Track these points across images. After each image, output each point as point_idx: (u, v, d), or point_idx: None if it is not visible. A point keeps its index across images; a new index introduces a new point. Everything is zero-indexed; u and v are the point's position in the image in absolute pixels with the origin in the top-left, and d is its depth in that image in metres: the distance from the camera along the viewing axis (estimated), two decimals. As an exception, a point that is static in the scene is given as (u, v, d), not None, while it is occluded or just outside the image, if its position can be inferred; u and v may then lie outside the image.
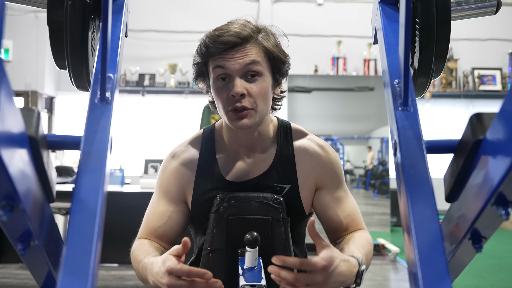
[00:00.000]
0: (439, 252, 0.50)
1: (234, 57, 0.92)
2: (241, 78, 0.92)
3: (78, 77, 0.81)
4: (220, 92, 0.94)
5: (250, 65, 0.92)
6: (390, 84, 0.70)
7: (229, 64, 0.92)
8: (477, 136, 0.54)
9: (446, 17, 0.78)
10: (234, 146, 1.03)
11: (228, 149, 1.04)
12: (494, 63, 5.79)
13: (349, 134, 5.16)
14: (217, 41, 0.92)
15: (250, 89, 0.93)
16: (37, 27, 5.27)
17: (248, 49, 0.93)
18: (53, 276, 0.73)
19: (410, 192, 0.56)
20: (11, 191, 0.47)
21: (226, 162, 1.03)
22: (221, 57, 0.92)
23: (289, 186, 1.01)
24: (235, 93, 0.91)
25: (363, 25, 5.39)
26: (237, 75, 0.92)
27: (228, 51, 0.92)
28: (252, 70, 0.93)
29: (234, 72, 0.92)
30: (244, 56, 0.92)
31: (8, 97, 0.45)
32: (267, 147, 1.03)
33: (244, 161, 1.02)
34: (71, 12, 0.74)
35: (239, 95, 0.91)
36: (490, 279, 3.28)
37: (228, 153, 1.04)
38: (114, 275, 3.31)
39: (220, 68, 0.93)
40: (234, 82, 0.92)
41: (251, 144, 1.02)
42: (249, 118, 0.93)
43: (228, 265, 0.96)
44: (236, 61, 0.92)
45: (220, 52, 0.92)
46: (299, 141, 1.05)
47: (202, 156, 1.04)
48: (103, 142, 0.61)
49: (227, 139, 1.04)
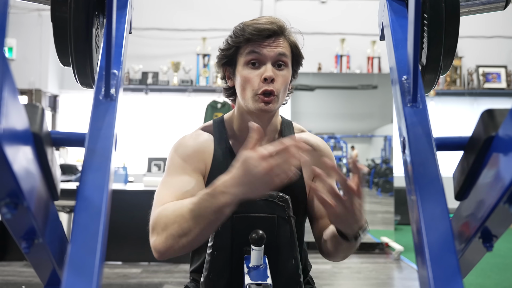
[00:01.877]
0: (450, 252, 0.49)
1: (270, 45, 1.00)
2: (272, 65, 1.01)
3: (82, 74, 0.80)
4: (250, 76, 1.01)
5: (281, 56, 1.01)
6: (399, 80, 0.69)
7: (265, 50, 1.00)
8: (489, 132, 0.52)
9: (455, 13, 0.77)
10: (245, 134, 1.05)
11: (239, 136, 1.08)
12: (499, 60, 5.75)
13: (352, 132, 5.14)
14: (256, 27, 1.00)
15: (277, 77, 1.01)
16: (41, 25, 5.27)
17: (281, 41, 1.02)
18: (57, 274, 0.73)
19: (420, 190, 0.55)
20: (15, 189, 0.47)
21: (238, 147, 1.07)
22: (257, 43, 1.00)
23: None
24: (268, 76, 0.99)
25: (366, 23, 5.37)
26: (269, 61, 1.00)
27: (265, 39, 1.00)
28: (281, 60, 1.01)
29: (268, 58, 1.00)
30: (278, 46, 1.01)
31: (12, 94, 0.44)
32: (272, 138, 1.10)
33: None
34: (75, 9, 0.74)
35: (271, 80, 0.99)
36: (495, 277, 3.27)
37: (240, 141, 1.07)
38: (118, 273, 3.31)
39: (255, 53, 1.00)
40: (267, 67, 1.00)
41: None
42: (273, 103, 1.00)
43: (233, 264, 0.95)
44: (272, 49, 1.00)
45: (257, 38, 1.00)
46: (300, 134, 1.14)
47: (216, 140, 1.08)
48: (108, 139, 0.61)
49: (238, 127, 1.08)
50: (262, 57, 1.00)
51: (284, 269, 0.96)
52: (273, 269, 0.91)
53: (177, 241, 0.84)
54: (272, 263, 0.92)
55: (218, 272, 0.96)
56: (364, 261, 3.82)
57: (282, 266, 0.95)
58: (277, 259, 0.95)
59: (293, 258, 0.97)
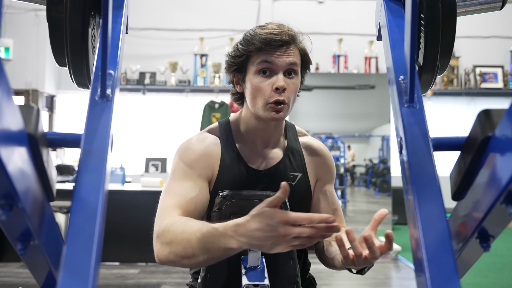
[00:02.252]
0: (447, 252, 0.49)
1: (282, 55, 1.01)
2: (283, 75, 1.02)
3: (78, 74, 0.80)
4: (261, 86, 1.02)
5: (292, 65, 1.02)
6: (396, 80, 0.69)
7: (277, 60, 1.01)
8: (485, 133, 0.52)
9: (451, 13, 0.77)
10: (252, 138, 1.09)
11: (245, 140, 1.10)
12: (496, 60, 5.76)
13: (350, 132, 5.15)
14: (267, 38, 1.00)
15: (288, 86, 1.02)
16: (38, 25, 5.25)
17: (292, 50, 1.02)
18: (53, 276, 0.72)
19: (417, 190, 0.55)
20: (10, 190, 0.46)
21: (245, 150, 1.09)
22: (269, 53, 1.01)
23: (301, 174, 1.10)
24: (280, 86, 1.00)
25: (364, 23, 5.38)
26: (281, 70, 1.01)
27: (277, 48, 1.01)
28: (292, 69, 1.03)
29: (279, 68, 1.01)
30: (289, 55, 1.02)
31: (6, 94, 0.44)
32: (278, 141, 1.12)
33: (261, 152, 1.10)
34: (70, 9, 0.73)
35: (283, 89, 1.00)
36: (492, 277, 3.28)
37: (246, 143, 1.09)
38: (115, 274, 3.31)
39: (267, 63, 1.01)
40: (279, 77, 1.01)
41: (267, 137, 1.09)
42: (283, 112, 1.02)
43: (230, 264, 0.95)
44: (283, 59, 1.01)
45: (269, 48, 1.00)
46: (302, 138, 1.17)
47: (223, 143, 1.08)
48: (104, 140, 0.60)
49: (245, 130, 1.09)
50: (274, 66, 1.01)
51: (282, 270, 0.95)
52: (271, 270, 0.90)
53: (179, 260, 0.83)
54: (269, 264, 0.92)
55: (215, 273, 0.96)
56: (362, 261, 3.82)
57: (280, 267, 0.95)
58: (274, 260, 0.94)
59: (290, 259, 0.97)
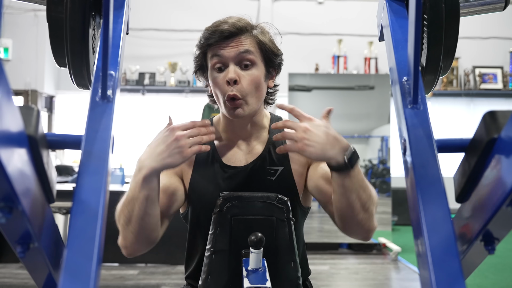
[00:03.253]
0: (452, 254, 0.49)
1: (229, 46, 0.99)
2: (235, 66, 0.99)
3: (78, 75, 0.80)
4: (216, 81, 1.00)
5: (244, 54, 0.98)
6: (399, 81, 0.69)
7: (225, 52, 0.99)
8: (491, 135, 0.52)
9: (454, 13, 0.77)
10: (230, 135, 1.08)
11: (224, 137, 1.09)
12: (495, 61, 5.76)
13: (349, 132, 5.14)
14: (214, 31, 0.99)
15: (242, 77, 0.99)
16: (37, 25, 5.24)
17: (242, 39, 0.99)
18: (53, 278, 0.72)
19: (421, 192, 0.55)
20: (9, 192, 0.46)
21: (222, 148, 1.08)
22: (217, 46, 0.99)
23: (282, 168, 1.05)
24: (229, 78, 0.97)
25: (363, 23, 5.37)
26: (231, 62, 0.99)
27: (224, 40, 0.99)
28: (245, 59, 0.99)
29: (229, 59, 0.99)
30: (239, 45, 0.99)
31: (6, 95, 0.43)
32: (260, 136, 1.08)
33: (239, 149, 1.08)
34: (71, 9, 0.73)
35: (233, 81, 0.98)
36: (492, 278, 3.27)
37: (224, 141, 1.08)
38: (115, 275, 3.30)
39: (217, 57, 0.99)
40: (229, 69, 0.99)
41: (245, 133, 1.07)
42: (242, 108, 0.99)
43: (231, 267, 0.94)
44: (231, 49, 0.98)
45: (217, 42, 0.99)
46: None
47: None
48: (105, 141, 0.60)
49: (222, 128, 1.09)
50: (224, 59, 0.99)
51: (283, 272, 0.95)
52: (272, 272, 0.90)
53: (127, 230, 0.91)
54: (271, 266, 0.91)
55: (216, 275, 0.95)
56: (361, 262, 3.82)
57: (281, 269, 0.95)
58: (276, 262, 0.94)
59: (292, 261, 0.96)
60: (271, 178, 1.04)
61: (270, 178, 1.04)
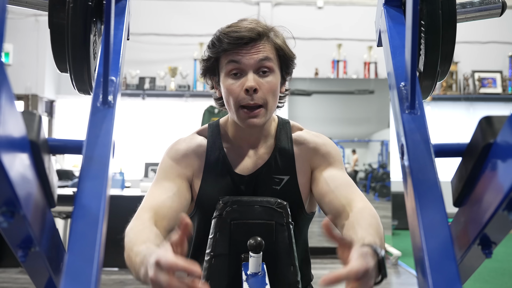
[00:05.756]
0: (449, 258, 0.49)
1: (249, 53, 0.94)
2: (254, 73, 0.95)
3: (79, 80, 0.80)
4: (232, 88, 0.96)
5: (263, 61, 0.95)
6: (396, 86, 0.69)
7: (244, 59, 0.94)
8: (487, 139, 0.53)
9: (451, 19, 0.78)
10: (238, 141, 1.06)
11: (233, 143, 1.06)
12: (495, 65, 5.78)
13: (349, 137, 5.15)
14: (232, 36, 0.94)
15: (262, 85, 0.95)
16: (38, 30, 5.26)
17: (261, 45, 0.95)
18: (53, 282, 0.72)
19: (418, 196, 0.55)
20: (11, 197, 0.46)
21: (232, 154, 1.05)
22: (235, 52, 0.95)
23: (288, 177, 1.03)
24: (249, 87, 0.93)
25: (363, 28, 5.39)
26: (250, 69, 0.95)
27: (243, 46, 0.94)
28: (264, 66, 0.95)
29: (248, 67, 0.95)
30: (258, 52, 0.95)
31: (9, 101, 0.44)
32: (267, 141, 1.06)
33: (248, 156, 1.05)
34: (72, 15, 0.74)
35: (253, 90, 0.93)
36: (493, 282, 3.27)
37: (233, 147, 1.06)
38: (115, 279, 3.29)
39: (234, 63, 0.95)
40: (248, 77, 0.94)
41: (254, 140, 1.05)
42: (259, 118, 0.96)
43: (231, 271, 0.94)
44: (251, 56, 0.94)
45: (235, 47, 0.94)
46: (297, 133, 1.08)
47: (210, 145, 1.05)
48: (106, 146, 0.60)
49: (231, 134, 1.06)
50: (242, 66, 0.94)
51: (283, 276, 0.95)
52: (272, 276, 0.90)
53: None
54: (270, 270, 0.91)
55: (216, 280, 0.95)
56: (361, 266, 3.81)
57: (281, 273, 0.95)
58: (275, 266, 0.94)
59: (291, 265, 0.96)
60: (276, 188, 1.02)
61: (275, 187, 1.02)
